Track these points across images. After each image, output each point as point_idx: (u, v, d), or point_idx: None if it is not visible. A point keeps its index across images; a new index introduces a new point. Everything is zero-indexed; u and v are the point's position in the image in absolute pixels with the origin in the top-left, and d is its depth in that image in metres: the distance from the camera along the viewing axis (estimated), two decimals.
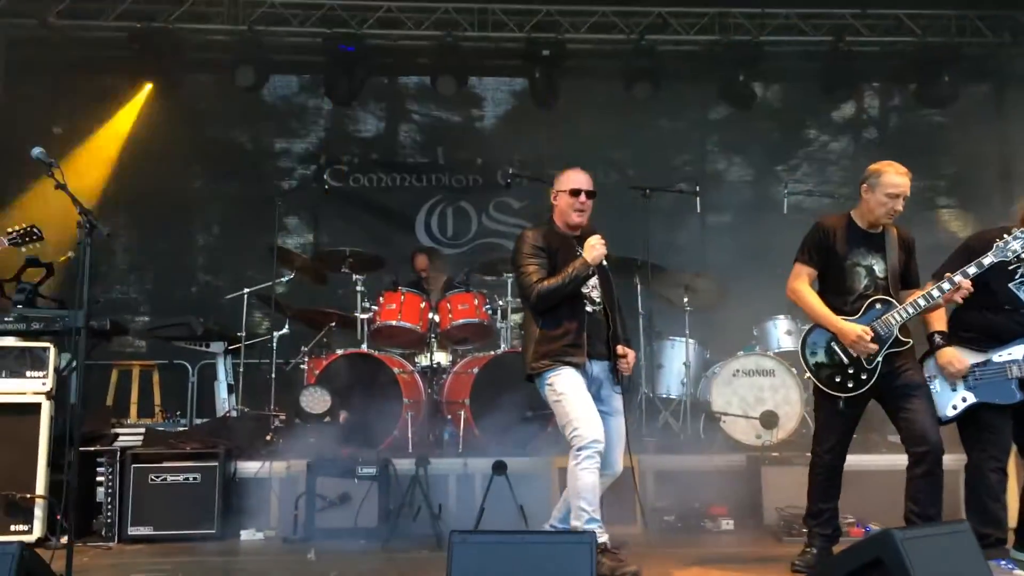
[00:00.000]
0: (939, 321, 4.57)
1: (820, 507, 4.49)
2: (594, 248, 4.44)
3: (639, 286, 7.18)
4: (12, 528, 5.31)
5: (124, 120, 8.37)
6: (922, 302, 4.35)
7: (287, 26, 8.41)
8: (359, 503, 5.58)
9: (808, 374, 4.53)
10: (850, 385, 4.37)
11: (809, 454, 4.64)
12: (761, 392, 6.57)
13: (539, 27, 8.54)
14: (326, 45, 8.40)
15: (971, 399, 4.46)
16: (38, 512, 5.36)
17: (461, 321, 6.71)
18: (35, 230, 4.53)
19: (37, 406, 5.43)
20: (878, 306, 4.43)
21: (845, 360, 4.38)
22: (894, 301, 4.44)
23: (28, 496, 5.31)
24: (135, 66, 8.21)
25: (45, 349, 5.54)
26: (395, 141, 9.64)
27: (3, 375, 5.44)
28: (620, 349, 4.55)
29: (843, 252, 4.52)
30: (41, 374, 5.48)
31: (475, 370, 6.50)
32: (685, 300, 7.20)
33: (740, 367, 6.70)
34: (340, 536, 5.45)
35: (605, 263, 4.58)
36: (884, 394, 4.42)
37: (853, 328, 4.35)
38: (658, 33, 8.64)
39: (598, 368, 4.53)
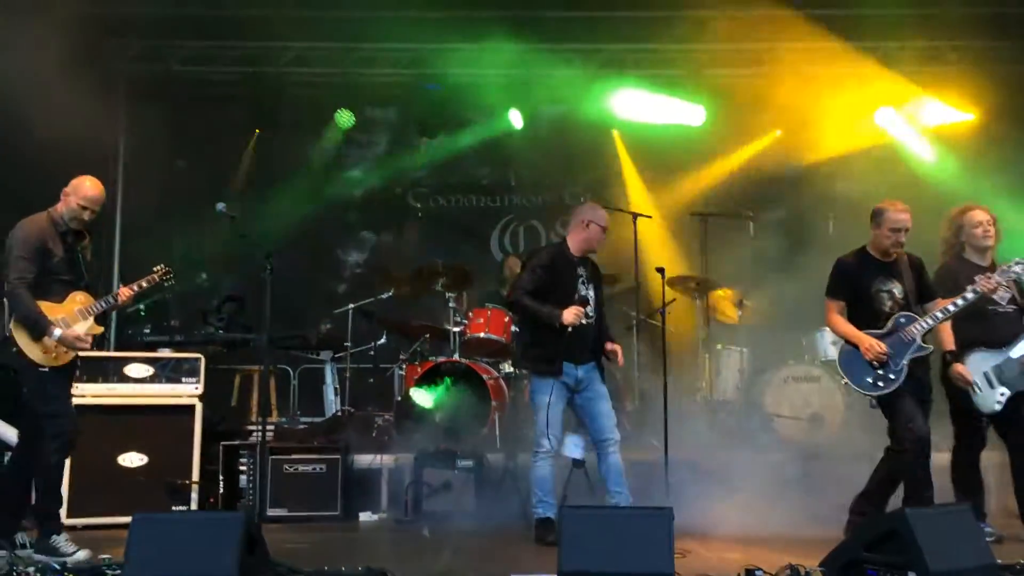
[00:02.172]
0: (949, 341, 5.37)
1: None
2: (575, 316, 5.47)
3: (697, 301, 8.02)
4: (172, 508, 6.37)
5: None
6: (952, 308, 5.15)
7: (379, 67, 9.43)
8: (459, 490, 6.55)
9: (845, 380, 5.28)
10: (881, 384, 5.11)
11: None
12: (809, 396, 7.39)
13: (605, 63, 9.42)
14: (415, 84, 9.40)
15: (1007, 391, 5.28)
16: (193, 495, 6.45)
17: None
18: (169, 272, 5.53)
19: (192, 407, 6.50)
20: (902, 320, 5.21)
21: (876, 365, 5.13)
22: (916, 315, 5.22)
23: (187, 482, 6.39)
24: (248, 105, 9.29)
25: (197, 359, 6.62)
26: (471, 165, 10.50)
27: (163, 381, 6.54)
28: (609, 347, 5.73)
29: (866, 282, 5.34)
30: (194, 380, 6.55)
31: None
32: (739, 313, 8.03)
33: (790, 374, 7.54)
34: (444, 518, 6.40)
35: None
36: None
37: (867, 337, 5.16)
38: (713, 67, 9.48)
39: (583, 371, 5.64)
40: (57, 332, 4.98)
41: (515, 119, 9.61)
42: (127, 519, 5.95)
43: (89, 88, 7.90)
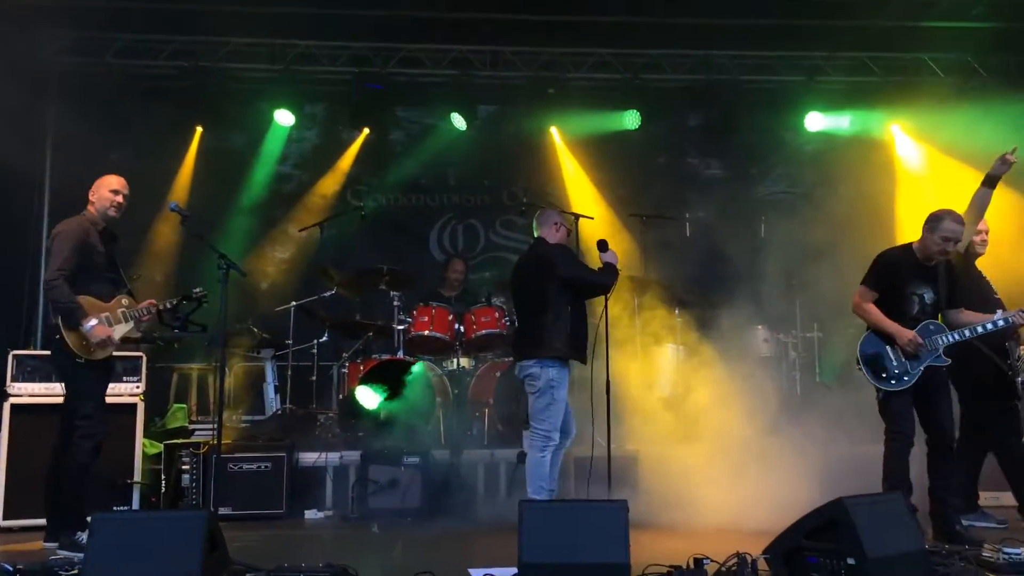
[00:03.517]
0: None
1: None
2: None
3: (636, 300, 8.22)
4: (114, 507, 6.27)
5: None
6: (980, 329, 5.41)
7: (319, 65, 9.38)
8: (405, 487, 6.62)
9: (860, 367, 5.55)
10: (893, 382, 5.41)
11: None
12: (743, 392, 7.63)
13: (545, 67, 9.54)
14: (354, 82, 9.36)
15: None
16: (135, 494, 6.38)
17: (484, 332, 7.70)
18: (205, 296, 5.58)
19: (134, 405, 6.44)
20: (931, 327, 5.49)
21: (894, 363, 5.43)
22: (943, 326, 5.49)
23: (128, 481, 6.31)
24: (184, 100, 9.12)
25: (139, 358, 6.54)
26: (410, 165, 10.48)
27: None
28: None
29: (903, 281, 5.52)
30: (136, 379, 6.48)
31: (498, 374, 7.52)
32: (676, 311, 8.26)
33: (725, 370, 7.77)
34: (390, 515, 6.46)
35: None
36: (918, 395, 5.46)
37: (907, 332, 5.40)
38: (650, 72, 9.72)
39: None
40: (91, 323, 5.18)
41: (458, 122, 9.66)
42: None
43: (15, 80, 7.73)
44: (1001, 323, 5.43)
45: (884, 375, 5.44)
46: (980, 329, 5.42)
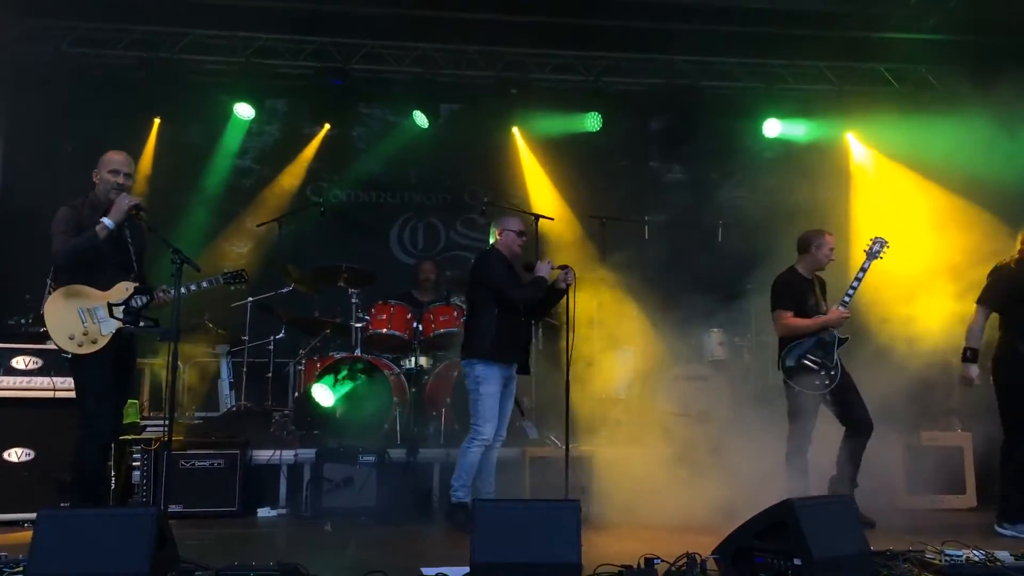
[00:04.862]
0: None
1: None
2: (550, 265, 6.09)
3: (593, 302, 8.25)
4: (61, 505, 6.15)
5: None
6: (856, 284, 6.06)
7: (280, 59, 9.30)
8: (360, 485, 6.59)
9: (797, 388, 5.99)
10: (827, 383, 5.96)
11: None
12: (697, 394, 7.75)
13: (508, 67, 9.56)
14: (316, 77, 9.29)
15: None
16: None
17: (442, 331, 7.71)
18: (243, 273, 5.67)
19: None
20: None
21: (817, 365, 5.99)
22: None
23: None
24: (142, 91, 8.99)
25: None
26: (371, 162, 10.45)
27: (52, 373, 6.30)
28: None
29: (804, 298, 6.21)
30: None
31: (455, 373, 7.51)
32: (633, 313, 8.31)
33: (680, 373, 7.87)
34: (344, 513, 6.43)
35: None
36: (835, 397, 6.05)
37: (830, 315, 6.04)
38: (612, 75, 9.78)
39: (511, 370, 6.10)
40: (106, 221, 5.05)
41: (420, 120, 9.64)
42: (12, 516, 5.92)
43: None
44: (866, 264, 6.04)
45: (816, 381, 5.96)
46: (856, 284, 6.01)
